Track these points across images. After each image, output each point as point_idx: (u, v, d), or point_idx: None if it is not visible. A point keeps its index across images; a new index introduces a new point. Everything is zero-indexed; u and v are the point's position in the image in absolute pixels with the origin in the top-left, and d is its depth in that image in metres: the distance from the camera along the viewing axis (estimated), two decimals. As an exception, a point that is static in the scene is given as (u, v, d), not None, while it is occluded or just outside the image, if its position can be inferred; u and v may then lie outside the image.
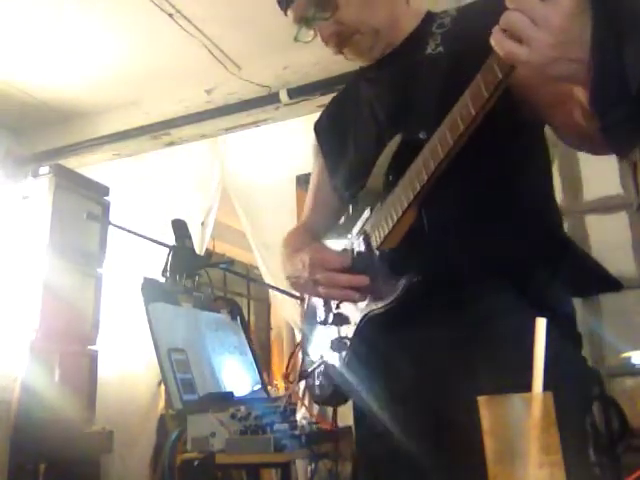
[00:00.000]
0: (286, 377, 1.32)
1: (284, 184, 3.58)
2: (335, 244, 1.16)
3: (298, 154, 3.48)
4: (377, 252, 1.01)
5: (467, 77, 0.81)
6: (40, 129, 3.62)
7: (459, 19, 1.06)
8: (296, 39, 1.12)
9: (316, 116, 1.36)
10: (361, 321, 1.03)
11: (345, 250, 1.11)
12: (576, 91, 0.75)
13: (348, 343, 1.06)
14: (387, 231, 0.98)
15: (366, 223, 1.06)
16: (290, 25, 1.13)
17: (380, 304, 0.98)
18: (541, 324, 0.55)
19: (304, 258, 1.07)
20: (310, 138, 1.36)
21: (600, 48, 0.65)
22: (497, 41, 0.68)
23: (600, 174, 2.73)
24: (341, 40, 1.07)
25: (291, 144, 3.49)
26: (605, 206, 2.88)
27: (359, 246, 1.06)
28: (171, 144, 3.41)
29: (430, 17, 1.11)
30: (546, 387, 0.53)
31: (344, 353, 1.07)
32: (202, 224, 3.66)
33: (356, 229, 1.10)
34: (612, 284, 0.99)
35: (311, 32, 1.10)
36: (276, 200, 3.53)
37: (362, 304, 1.03)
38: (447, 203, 0.93)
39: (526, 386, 0.54)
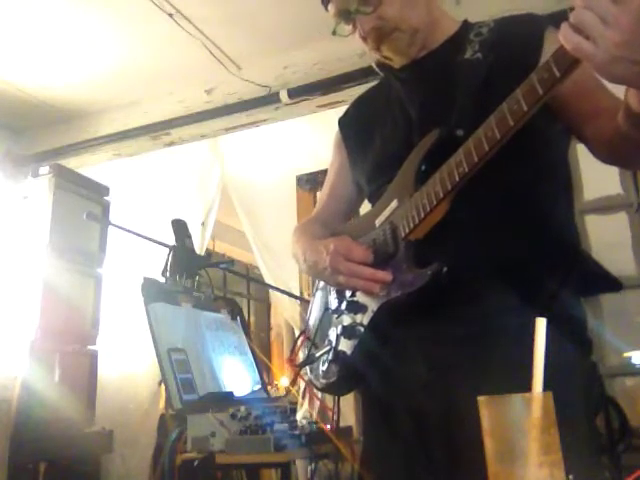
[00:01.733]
0: (291, 361, 1.31)
1: (284, 184, 3.58)
2: (357, 233, 1.16)
3: (298, 154, 3.48)
4: (402, 242, 1.02)
5: (504, 84, 0.85)
6: (40, 129, 3.62)
7: (497, 30, 1.08)
8: (334, 33, 1.13)
9: (316, 116, 1.36)
10: (379, 309, 1.03)
11: (369, 237, 1.11)
12: (630, 95, 0.76)
13: (362, 330, 1.06)
14: (417, 221, 0.99)
15: (393, 213, 1.06)
16: (290, 25, 1.13)
17: (402, 292, 0.98)
18: (541, 324, 0.55)
19: (328, 245, 1.07)
20: (310, 138, 1.36)
21: None
22: (565, 35, 0.70)
23: (600, 174, 2.73)
24: (380, 36, 1.08)
25: (291, 144, 3.49)
26: (605, 206, 2.88)
27: (384, 235, 1.06)
28: (171, 144, 3.41)
29: (467, 25, 1.14)
30: (553, 389, 0.53)
31: (357, 340, 1.07)
32: (202, 224, 3.66)
33: (381, 219, 1.10)
34: (612, 284, 1.00)
35: (349, 27, 1.11)
36: (276, 200, 3.53)
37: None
38: (476, 200, 0.94)
39: (528, 385, 0.54)
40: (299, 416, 2.16)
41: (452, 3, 2.57)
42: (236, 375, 2.29)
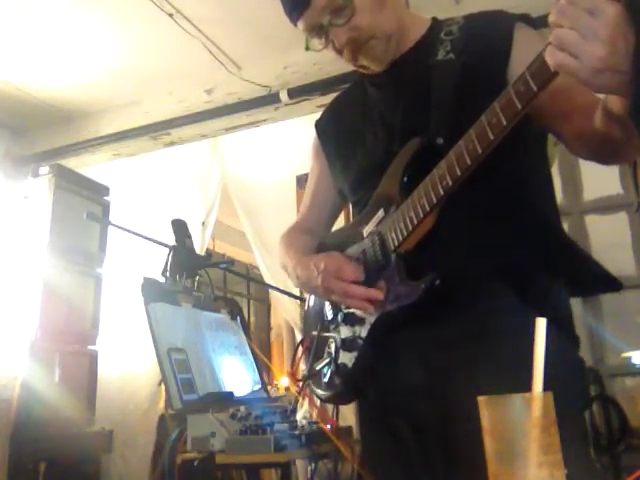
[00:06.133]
0: (292, 375, 1.32)
1: (284, 184, 3.58)
2: (344, 243, 1.16)
3: (298, 154, 3.48)
4: (393, 254, 1.02)
5: (479, 84, 0.85)
6: (40, 129, 3.62)
7: (467, 27, 1.08)
8: (307, 48, 1.13)
9: (316, 116, 1.36)
10: (376, 321, 1.03)
11: (358, 248, 1.11)
12: (611, 100, 0.77)
13: (361, 342, 1.07)
14: (406, 233, 0.98)
15: (380, 223, 1.06)
16: (290, 25, 1.13)
17: (397, 304, 0.98)
18: (541, 324, 0.55)
19: (319, 264, 1.07)
20: (310, 138, 1.36)
21: None
22: (549, 52, 0.70)
23: (600, 174, 2.73)
24: (357, 46, 1.07)
25: (291, 144, 3.49)
26: (605, 206, 2.89)
27: (373, 247, 1.06)
28: (171, 144, 3.41)
29: (437, 24, 1.13)
30: (545, 387, 0.54)
31: (356, 352, 1.07)
32: (202, 224, 3.66)
33: (368, 229, 1.10)
34: (612, 284, 1.00)
35: (321, 41, 1.10)
36: (276, 200, 3.53)
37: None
38: (463, 208, 0.95)
39: (526, 384, 0.54)
40: (299, 416, 2.16)
41: (452, 3, 2.57)
42: (236, 375, 2.29)
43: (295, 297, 2.95)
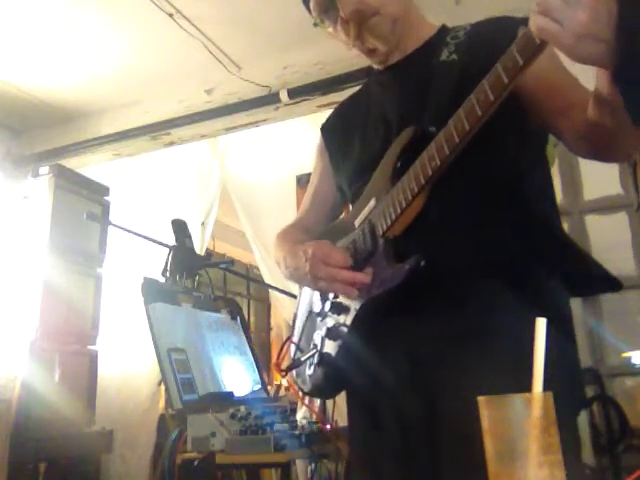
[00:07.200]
0: (277, 366, 1.31)
1: (284, 184, 3.58)
2: (337, 236, 1.16)
3: (298, 154, 3.49)
4: (381, 239, 1.02)
5: (478, 84, 0.85)
6: (40, 129, 3.62)
7: (473, 32, 1.10)
8: (316, 25, 1.14)
9: (316, 116, 1.37)
10: (361, 308, 1.03)
11: (348, 239, 1.11)
12: (600, 84, 0.78)
13: (346, 330, 1.06)
14: (394, 217, 0.99)
15: (371, 212, 1.07)
16: (290, 25, 1.14)
17: (382, 288, 0.98)
18: (541, 324, 0.55)
19: (307, 251, 1.07)
20: (310, 138, 1.37)
21: (626, 25, 0.66)
22: (531, 19, 0.71)
23: (600, 174, 2.73)
24: (362, 19, 1.08)
25: (291, 144, 3.49)
26: (605, 206, 2.88)
27: (363, 235, 1.07)
28: (171, 144, 3.41)
29: (445, 29, 1.16)
30: (544, 387, 0.54)
31: (341, 341, 1.07)
32: (202, 224, 3.66)
33: (360, 219, 1.11)
34: (612, 284, 0.99)
35: (330, 22, 1.12)
36: (276, 200, 3.53)
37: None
38: (454, 196, 0.95)
39: (521, 382, 0.54)
40: (299, 416, 2.16)
41: (452, 3, 2.57)
42: (236, 375, 2.29)
43: (295, 297, 2.95)
